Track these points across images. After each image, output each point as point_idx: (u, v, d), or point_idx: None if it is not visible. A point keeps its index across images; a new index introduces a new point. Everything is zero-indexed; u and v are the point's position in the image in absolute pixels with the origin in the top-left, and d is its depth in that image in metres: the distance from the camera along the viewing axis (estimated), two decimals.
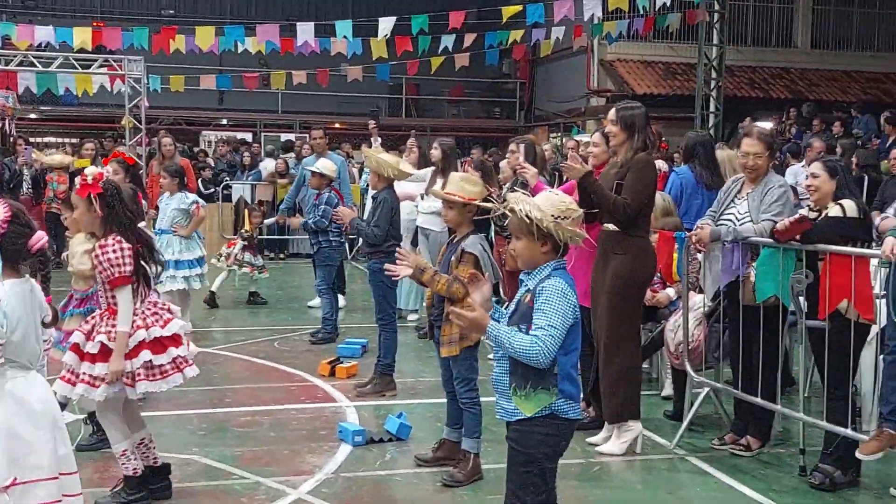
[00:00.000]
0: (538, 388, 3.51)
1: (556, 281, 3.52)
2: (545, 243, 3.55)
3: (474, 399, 5.34)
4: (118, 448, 4.74)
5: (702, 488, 5.34)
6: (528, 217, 3.51)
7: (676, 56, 22.40)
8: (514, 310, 3.62)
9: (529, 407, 3.52)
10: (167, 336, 4.68)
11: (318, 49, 17.91)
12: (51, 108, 23.88)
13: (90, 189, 4.63)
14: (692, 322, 6.17)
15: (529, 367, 3.46)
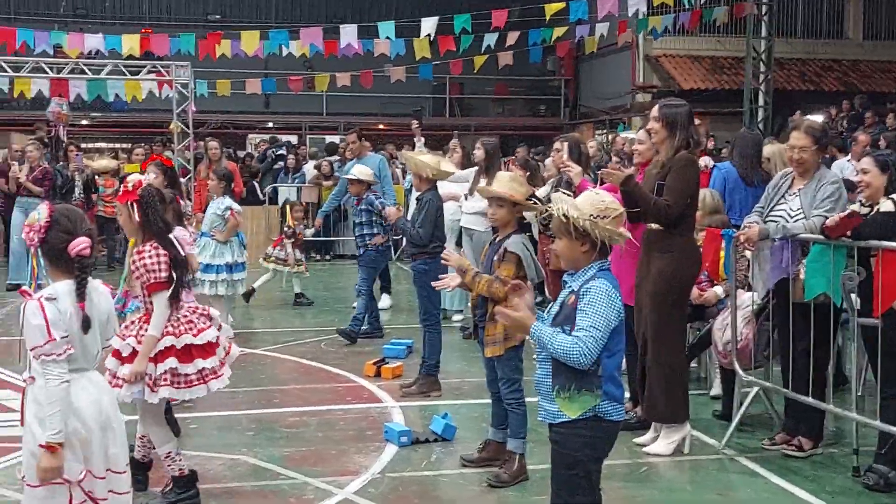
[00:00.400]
0: (582, 389, 3.49)
1: (600, 282, 3.50)
2: (584, 243, 3.55)
3: (519, 399, 5.32)
4: (163, 450, 4.81)
5: (752, 489, 5.26)
6: (564, 216, 3.53)
7: (724, 50, 22.14)
8: (558, 311, 3.61)
9: (573, 409, 3.50)
10: (198, 345, 4.71)
11: (362, 50, 17.98)
12: (101, 115, 24.26)
13: (128, 196, 4.71)
14: (741, 320, 6.09)
15: (573, 368, 3.45)
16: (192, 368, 4.69)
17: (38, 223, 3.52)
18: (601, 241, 3.54)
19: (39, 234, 3.52)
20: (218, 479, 5.33)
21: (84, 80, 16.38)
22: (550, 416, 3.59)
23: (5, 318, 10.28)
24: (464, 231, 9.28)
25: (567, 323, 3.51)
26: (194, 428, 6.28)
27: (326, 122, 25.72)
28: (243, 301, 10.80)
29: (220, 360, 4.86)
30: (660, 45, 22.15)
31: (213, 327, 4.85)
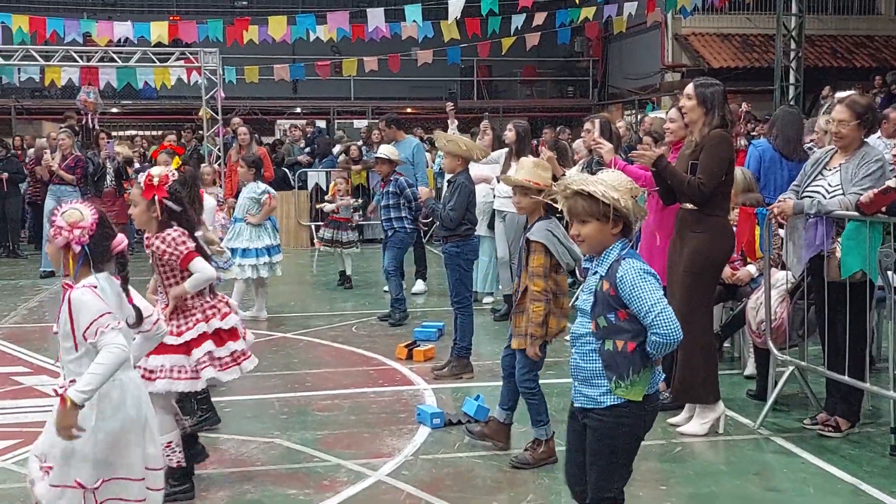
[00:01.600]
0: (641, 370, 3.42)
1: (629, 263, 3.41)
2: (617, 224, 3.44)
3: (533, 389, 5.26)
4: (163, 439, 4.67)
5: (788, 469, 5.21)
6: (604, 197, 3.39)
7: (754, 28, 21.88)
8: (595, 302, 3.48)
9: (638, 391, 3.43)
10: (226, 329, 4.74)
11: (389, 34, 17.96)
12: (131, 102, 24.43)
13: (155, 191, 4.63)
14: (775, 299, 6.03)
15: (625, 355, 3.39)
16: (225, 351, 4.72)
17: (85, 221, 3.51)
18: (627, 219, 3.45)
19: (90, 231, 3.51)
20: (252, 462, 5.36)
21: (113, 67, 16.51)
22: (592, 402, 3.50)
23: (39, 306, 10.40)
24: (496, 213, 9.25)
25: (608, 311, 3.41)
26: (228, 411, 6.31)
27: (354, 106, 25.74)
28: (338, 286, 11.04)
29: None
30: (689, 24, 21.92)
31: (234, 314, 4.85)
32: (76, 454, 3.44)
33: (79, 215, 3.52)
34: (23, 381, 7.04)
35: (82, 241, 3.50)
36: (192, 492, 4.82)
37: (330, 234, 10.94)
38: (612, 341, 3.43)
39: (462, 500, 4.76)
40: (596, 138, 6.27)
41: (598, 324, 3.46)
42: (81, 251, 3.50)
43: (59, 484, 3.46)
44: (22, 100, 23.77)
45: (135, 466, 3.56)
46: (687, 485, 4.99)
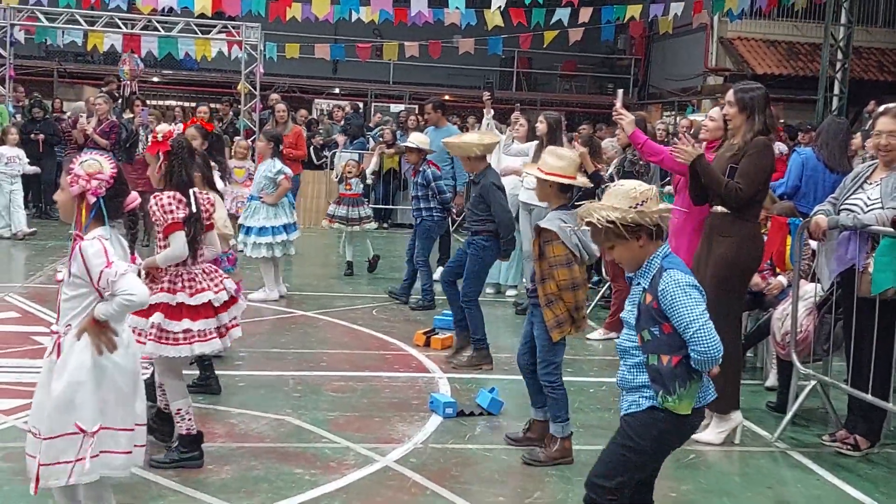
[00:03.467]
0: (686, 383, 3.36)
1: (670, 275, 3.33)
2: (639, 237, 3.38)
3: (555, 383, 5.18)
4: (175, 405, 4.82)
5: (803, 485, 5.11)
6: (607, 223, 3.34)
7: (801, 35, 21.60)
8: (639, 315, 3.41)
9: (686, 405, 3.38)
10: (191, 306, 4.70)
11: (432, 20, 17.90)
12: (172, 72, 24.53)
13: (159, 147, 4.70)
14: (802, 311, 5.91)
15: (672, 368, 3.34)
16: (178, 327, 4.68)
17: (104, 173, 3.51)
18: (655, 226, 3.38)
19: (107, 183, 3.51)
20: (262, 438, 5.34)
21: (156, 37, 16.57)
22: (635, 406, 3.45)
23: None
24: (522, 206, 9.17)
25: (652, 324, 3.35)
26: (241, 386, 6.32)
27: (392, 90, 25.69)
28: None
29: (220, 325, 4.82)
30: (735, 28, 21.67)
31: (212, 291, 4.79)
32: (76, 399, 3.45)
33: (98, 166, 3.52)
34: (43, 341, 7.06)
35: (98, 192, 3.50)
36: (200, 459, 4.84)
37: (344, 210, 10.79)
38: (658, 356, 3.37)
39: (467, 492, 4.71)
40: (618, 108, 6.13)
41: (643, 337, 3.40)
42: (95, 203, 3.50)
43: (57, 433, 3.45)
44: (65, 63, 23.92)
45: (128, 418, 3.58)
46: (698, 494, 4.90)
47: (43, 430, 3.47)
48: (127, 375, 3.59)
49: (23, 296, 8.62)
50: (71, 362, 3.49)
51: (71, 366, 3.48)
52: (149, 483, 4.58)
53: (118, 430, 3.55)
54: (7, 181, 12.51)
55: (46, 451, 3.45)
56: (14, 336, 7.21)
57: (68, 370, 3.48)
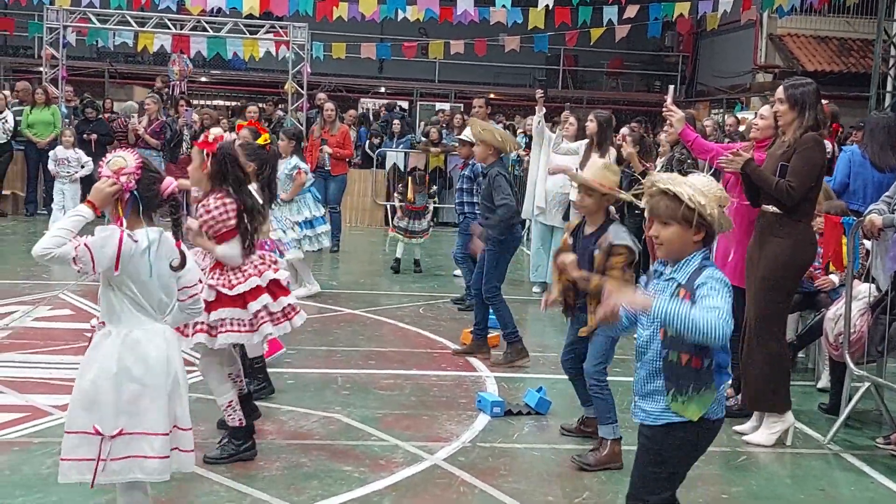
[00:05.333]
0: (701, 389, 3.26)
1: (714, 271, 3.23)
2: (699, 231, 3.24)
3: (602, 382, 5.15)
4: (223, 400, 4.86)
5: (856, 488, 5.04)
6: (691, 201, 3.20)
7: (852, 31, 21.22)
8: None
9: (692, 410, 3.26)
10: (277, 282, 4.85)
11: (477, 18, 17.88)
12: (220, 72, 24.78)
13: (207, 146, 4.78)
14: (855, 312, 5.82)
15: (688, 369, 3.23)
16: (278, 306, 4.85)
17: (129, 166, 3.52)
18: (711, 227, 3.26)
19: (136, 175, 3.52)
20: (311, 435, 5.38)
21: (204, 37, 16.76)
22: (650, 418, 3.36)
23: None
24: (573, 204, 9.13)
25: (681, 348, 3.25)
26: (291, 383, 6.37)
27: (438, 89, 25.70)
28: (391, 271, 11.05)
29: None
30: (784, 24, 21.35)
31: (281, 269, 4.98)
32: (99, 399, 3.47)
33: (122, 161, 3.54)
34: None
35: (129, 186, 3.52)
36: (254, 449, 4.92)
37: (405, 223, 10.89)
38: (678, 353, 3.26)
39: (516, 492, 4.70)
40: (668, 105, 6.07)
41: (666, 331, 3.27)
42: (130, 196, 3.53)
43: (76, 430, 3.49)
44: (115, 64, 24.28)
45: (159, 422, 3.54)
46: (748, 496, 4.85)
47: (66, 423, 3.55)
48: (160, 378, 3.54)
49: (76, 294, 8.77)
50: (98, 360, 3.50)
51: (97, 364, 3.50)
52: (200, 479, 4.63)
53: (151, 434, 3.51)
54: (60, 181, 12.70)
55: (64, 444, 3.51)
56: (68, 333, 7.34)
57: (94, 369, 3.50)
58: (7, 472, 4.63)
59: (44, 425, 5.31)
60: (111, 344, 3.51)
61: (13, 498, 4.34)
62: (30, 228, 13.31)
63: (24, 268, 10.07)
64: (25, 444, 5.00)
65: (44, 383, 6.06)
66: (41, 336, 7.21)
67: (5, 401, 5.71)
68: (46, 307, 8.21)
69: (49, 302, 8.40)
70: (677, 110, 6.01)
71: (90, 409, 3.47)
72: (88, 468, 3.46)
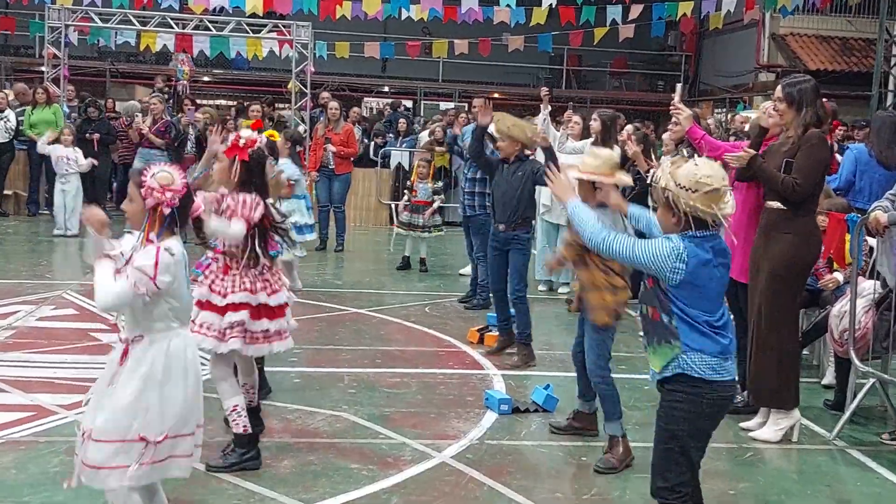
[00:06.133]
0: (661, 341, 3.50)
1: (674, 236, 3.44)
2: (674, 214, 3.44)
3: (605, 377, 5.17)
4: (229, 404, 4.77)
5: (862, 483, 5.05)
6: (655, 182, 3.50)
7: (854, 31, 21.23)
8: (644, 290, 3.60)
9: (656, 361, 3.54)
10: (269, 306, 4.72)
11: (482, 18, 17.89)
12: (222, 72, 24.80)
13: (237, 152, 4.68)
14: (860, 309, 5.83)
15: (655, 323, 3.50)
16: (258, 327, 4.70)
17: (177, 185, 3.55)
18: (687, 215, 3.39)
19: (180, 194, 3.56)
20: (318, 434, 5.40)
21: (207, 36, 16.78)
22: (651, 376, 3.64)
23: None
24: None
25: (650, 302, 3.53)
26: (296, 382, 6.39)
27: (442, 88, 25.72)
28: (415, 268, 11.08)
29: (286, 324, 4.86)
30: (787, 24, 21.36)
31: (285, 290, 4.85)
32: (145, 408, 3.49)
33: (170, 178, 3.56)
34: (101, 337, 7.20)
35: (172, 203, 3.55)
36: (258, 459, 4.85)
37: (408, 217, 10.89)
38: (647, 307, 3.58)
39: (524, 489, 4.71)
40: (675, 103, 6.08)
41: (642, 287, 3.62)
42: (170, 214, 3.55)
43: (114, 439, 3.47)
44: (117, 63, 24.30)
45: (192, 422, 3.64)
46: (755, 491, 4.87)
47: (96, 431, 3.49)
48: (192, 378, 3.62)
49: (80, 293, 8.78)
50: (141, 372, 3.52)
51: (140, 375, 3.51)
52: (207, 477, 4.64)
53: (185, 436, 3.59)
54: (61, 181, 12.70)
55: (94, 452, 3.47)
56: (72, 332, 7.35)
57: (137, 379, 3.51)
58: (14, 470, 4.64)
59: (49, 424, 5.32)
60: (155, 353, 3.54)
61: (21, 496, 4.35)
62: (32, 228, 13.34)
63: (27, 267, 10.11)
64: (31, 444, 5.01)
65: (49, 383, 6.07)
66: (45, 335, 7.22)
67: (11, 400, 5.73)
68: (50, 307, 8.22)
69: (52, 301, 8.41)
70: (685, 108, 6.02)
71: (133, 417, 3.49)
72: (112, 475, 3.48)
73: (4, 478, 4.55)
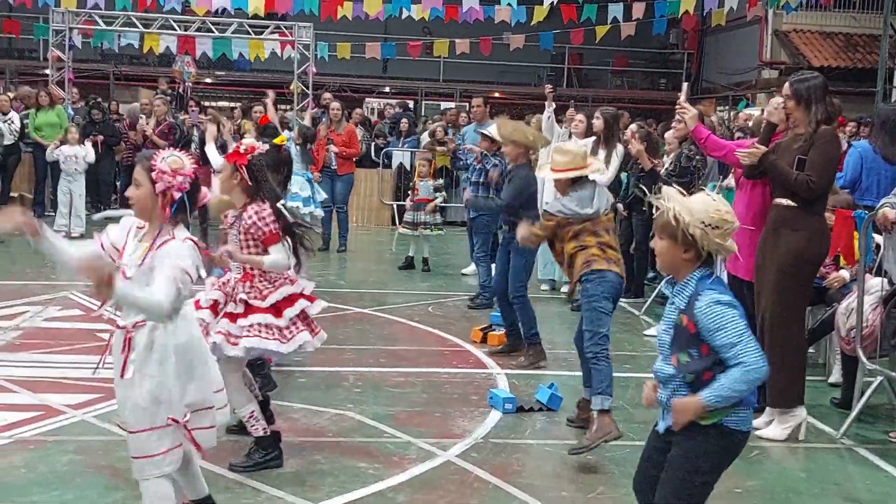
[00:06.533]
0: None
1: (707, 296, 3.23)
2: (688, 249, 3.26)
3: (599, 353, 5.21)
4: (245, 411, 4.76)
5: (870, 482, 5.04)
6: (675, 219, 3.23)
7: (858, 27, 21.20)
8: (675, 335, 3.31)
9: (709, 417, 3.27)
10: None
11: (483, 17, 17.89)
12: (224, 73, 24.80)
13: (237, 158, 4.69)
14: (868, 306, 5.81)
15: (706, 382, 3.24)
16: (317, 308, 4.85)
17: (186, 169, 3.55)
18: (706, 252, 3.26)
19: (190, 178, 3.56)
20: (324, 433, 5.39)
21: (210, 38, 16.78)
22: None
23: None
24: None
25: (690, 346, 3.26)
26: (301, 381, 6.38)
27: (443, 88, 25.70)
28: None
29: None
30: (790, 20, 21.34)
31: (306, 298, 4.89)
32: (165, 391, 3.52)
33: (181, 162, 3.55)
34: (105, 337, 7.18)
35: (183, 188, 3.53)
36: (280, 458, 4.85)
37: (412, 216, 10.91)
38: (696, 375, 3.28)
39: (530, 488, 4.71)
40: (681, 102, 6.07)
41: (679, 359, 3.30)
42: (180, 198, 3.52)
43: (146, 427, 3.51)
44: (120, 65, 24.31)
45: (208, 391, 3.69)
46: (763, 490, 4.85)
47: (130, 424, 3.54)
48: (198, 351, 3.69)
49: (84, 294, 8.78)
50: (154, 358, 3.52)
51: (154, 361, 3.52)
52: (215, 476, 4.63)
53: (206, 409, 3.66)
54: (66, 180, 12.70)
55: (133, 444, 3.53)
56: (79, 333, 7.35)
57: (151, 365, 3.52)
58: (23, 469, 4.65)
59: (57, 424, 5.32)
60: (162, 336, 3.54)
61: (31, 495, 4.35)
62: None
63: (32, 269, 10.09)
64: (40, 443, 5.01)
65: (56, 383, 6.07)
66: (52, 336, 7.22)
67: (19, 400, 5.73)
68: (56, 307, 8.23)
69: (58, 302, 8.42)
70: (690, 108, 6.01)
71: (158, 403, 3.51)
72: (154, 463, 3.53)
73: (14, 477, 4.55)
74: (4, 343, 7.01)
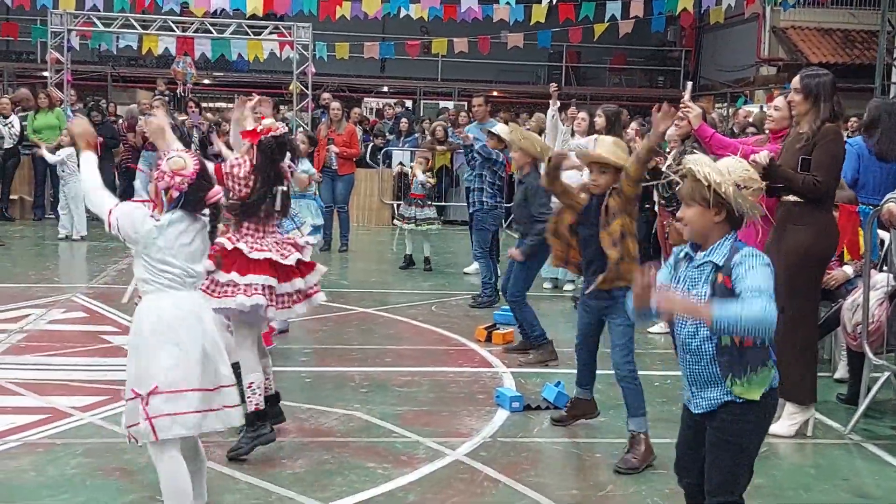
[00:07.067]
0: (758, 367, 3.26)
1: (748, 250, 3.23)
2: (719, 212, 3.25)
3: (633, 372, 5.12)
4: (248, 379, 4.86)
5: (879, 477, 5.04)
6: (706, 179, 3.23)
7: (856, 23, 21.21)
8: (712, 294, 3.24)
9: (754, 391, 3.26)
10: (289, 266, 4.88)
11: (481, 16, 17.89)
12: (223, 74, 24.78)
13: (250, 136, 4.89)
14: (873, 301, 5.81)
15: (741, 350, 3.22)
16: (289, 287, 4.88)
17: (187, 170, 3.74)
18: (738, 213, 3.26)
19: (190, 179, 3.74)
20: (332, 433, 5.39)
21: (209, 38, 16.77)
22: (711, 404, 3.33)
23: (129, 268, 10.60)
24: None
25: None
26: (308, 382, 6.38)
27: (441, 87, 25.71)
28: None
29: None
30: (788, 17, 21.36)
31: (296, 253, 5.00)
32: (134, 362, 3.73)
33: (183, 163, 3.77)
34: (111, 339, 7.20)
35: (181, 188, 3.74)
36: (272, 433, 4.92)
37: (411, 212, 10.92)
38: (730, 337, 3.22)
39: (540, 486, 4.70)
40: (685, 101, 6.06)
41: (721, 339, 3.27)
42: (178, 197, 3.75)
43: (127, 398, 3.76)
44: (118, 67, 24.29)
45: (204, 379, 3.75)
46: (773, 487, 4.84)
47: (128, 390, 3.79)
48: (197, 335, 3.75)
49: (89, 296, 8.78)
50: (132, 328, 3.80)
51: (132, 330, 3.79)
52: (224, 477, 4.64)
53: (187, 392, 3.70)
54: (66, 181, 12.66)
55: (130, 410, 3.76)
56: (83, 335, 7.35)
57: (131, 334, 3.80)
58: (32, 473, 4.64)
59: (65, 426, 5.31)
60: (147, 310, 3.76)
61: (40, 498, 4.35)
62: (38, 232, 13.35)
63: (35, 271, 10.10)
64: (49, 446, 5.00)
65: (63, 385, 6.07)
66: (56, 338, 7.22)
67: (26, 403, 5.73)
68: (60, 310, 8.22)
69: (62, 304, 8.41)
70: (694, 106, 5.99)
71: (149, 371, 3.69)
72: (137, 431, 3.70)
73: (23, 480, 4.54)
74: (9, 346, 7.00)
